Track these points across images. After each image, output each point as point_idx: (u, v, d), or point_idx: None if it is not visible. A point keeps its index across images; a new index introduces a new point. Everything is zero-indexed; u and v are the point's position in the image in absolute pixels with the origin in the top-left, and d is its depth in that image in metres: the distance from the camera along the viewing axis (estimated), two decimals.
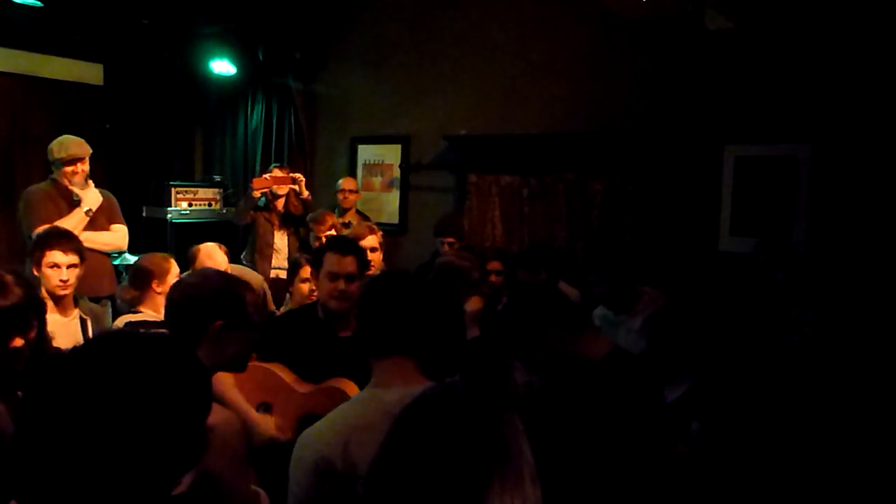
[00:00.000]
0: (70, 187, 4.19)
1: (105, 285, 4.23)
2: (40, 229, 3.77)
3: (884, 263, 3.90)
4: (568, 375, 1.93)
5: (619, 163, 4.86)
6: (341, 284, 2.78)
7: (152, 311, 3.29)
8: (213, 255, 3.81)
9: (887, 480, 2.41)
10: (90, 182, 4.28)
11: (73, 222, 4.03)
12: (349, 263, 2.83)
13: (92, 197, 4.23)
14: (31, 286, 2.06)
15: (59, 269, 3.19)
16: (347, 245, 2.97)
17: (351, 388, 2.33)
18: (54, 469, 0.99)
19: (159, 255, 3.54)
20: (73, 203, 4.18)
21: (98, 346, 1.13)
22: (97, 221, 4.25)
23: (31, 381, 1.07)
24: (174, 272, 3.39)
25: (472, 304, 3.02)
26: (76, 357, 1.08)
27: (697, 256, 4.51)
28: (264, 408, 2.48)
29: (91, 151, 4.32)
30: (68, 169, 4.19)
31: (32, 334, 1.98)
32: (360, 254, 2.94)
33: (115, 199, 4.46)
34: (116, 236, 4.37)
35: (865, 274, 3.88)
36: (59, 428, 0.99)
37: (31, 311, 1.98)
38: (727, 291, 3.42)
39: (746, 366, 2.72)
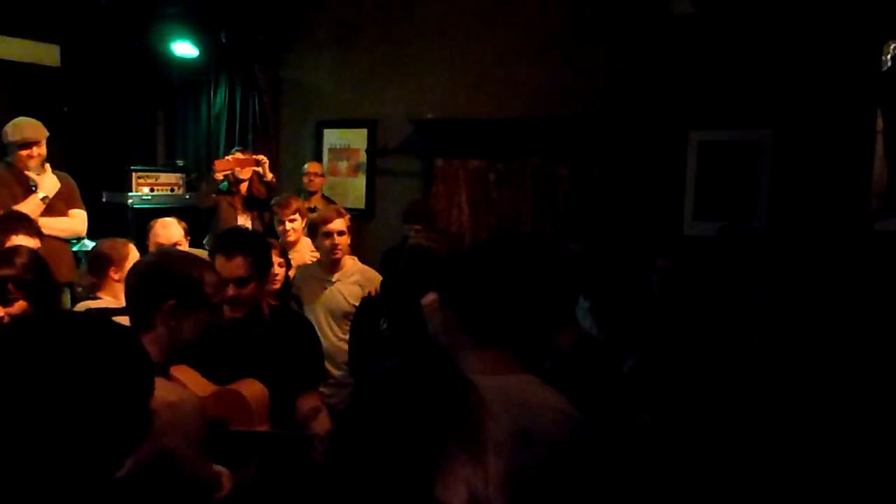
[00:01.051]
0: (26, 172, 4.07)
1: (63, 272, 4.12)
2: None
3: (843, 246, 3.99)
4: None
5: (585, 147, 4.88)
6: (230, 290, 2.37)
7: (111, 297, 3.21)
8: (167, 226, 3.71)
9: (842, 458, 2.46)
10: (47, 167, 4.17)
11: (28, 208, 3.91)
12: (237, 266, 2.42)
13: (49, 183, 4.11)
14: (40, 266, 2.23)
15: None
16: (235, 245, 2.48)
17: (253, 389, 2.18)
18: None
19: (118, 240, 3.44)
20: (29, 188, 4.06)
21: (30, 325, 1.12)
22: (55, 207, 4.14)
23: None
24: (132, 258, 3.29)
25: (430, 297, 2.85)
26: (9, 335, 1.06)
27: (662, 240, 4.56)
28: None
29: (48, 134, 4.21)
30: (23, 153, 4.07)
31: (14, 308, 2.11)
32: (256, 254, 2.48)
33: (74, 184, 4.35)
34: (75, 222, 4.27)
35: (825, 257, 3.96)
36: None
37: (15, 286, 2.11)
38: (692, 274, 3.47)
39: (701, 343, 2.75)
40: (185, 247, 3.76)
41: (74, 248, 4.62)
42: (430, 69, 5.59)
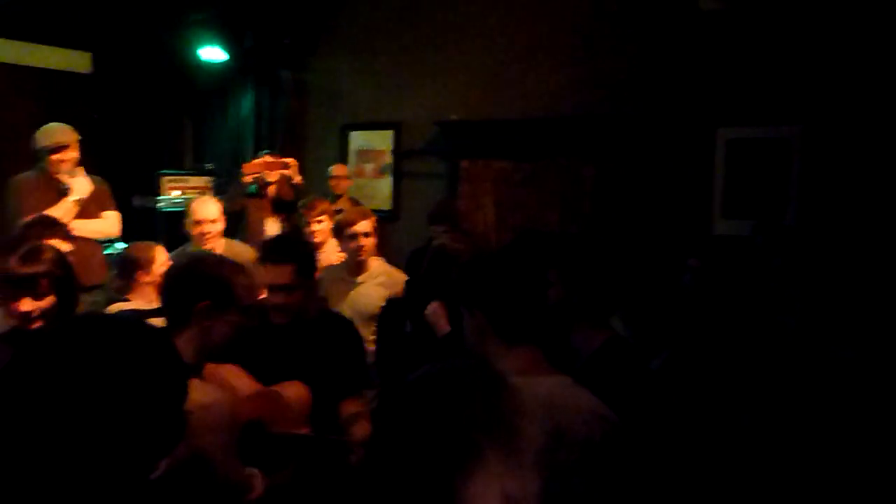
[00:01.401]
0: (58, 176, 4.13)
1: (96, 273, 4.18)
2: (28, 219, 3.73)
3: (876, 245, 3.91)
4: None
5: (612, 147, 4.84)
6: (279, 297, 2.44)
7: (141, 299, 3.26)
8: (205, 202, 4.02)
9: (870, 461, 2.41)
10: (80, 169, 4.23)
11: (62, 211, 3.98)
12: (285, 274, 2.44)
13: (81, 185, 4.17)
14: (64, 263, 2.33)
15: None
16: (283, 253, 2.52)
17: (296, 391, 2.22)
18: (24, 449, 0.98)
19: (144, 243, 3.49)
20: (62, 192, 4.13)
21: (69, 328, 1.13)
22: (88, 209, 4.19)
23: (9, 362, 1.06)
24: (160, 261, 3.34)
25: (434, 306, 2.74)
26: (46, 339, 1.07)
27: (691, 239, 4.51)
28: None
29: (78, 138, 4.25)
30: (54, 157, 4.12)
31: (45, 302, 2.20)
32: (303, 262, 2.50)
33: (106, 186, 4.40)
34: (107, 223, 4.32)
35: (857, 255, 3.89)
36: (25, 406, 0.99)
37: (48, 282, 2.21)
38: (723, 273, 3.42)
39: (733, 343, 2.71)
40: (221, 225, 3.98)
41: (107, 251, 4.69)
42: (454, 70, 5.59)
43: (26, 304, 2.20)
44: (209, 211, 3.92)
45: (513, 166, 5.26)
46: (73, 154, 4.19)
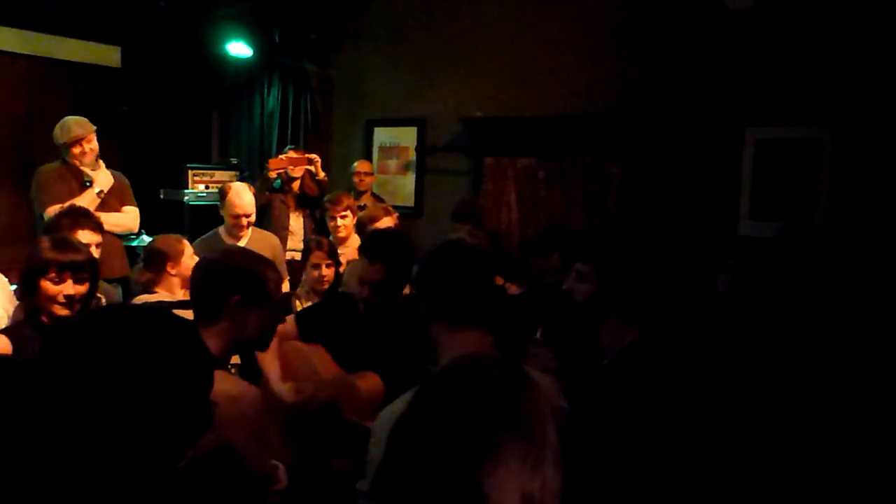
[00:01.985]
0: (81, 168, 4.19)
1: (116, 267, 4.21)
2: (52, 209, 3.78)
3: None
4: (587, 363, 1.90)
5: (638, 145, 4.81)
6: (365, 292, 2.54)
7: (167, 291, 3.29)
8: (241, 193, 4.06)
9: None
10: (101, 163, 4.28)
11: (85, 203, 4.02)
12: (376, 272, 2.50)
13: (103, 178, 4.23)
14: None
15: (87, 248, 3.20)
16: (379, 251, 2.57)
17: (370, 383, 2.29)
18: (52, 436, 1.00)
19: (173, 236, 3.52)
20: (85, 184, 4.18)
21: (96, 318, 1.15)
22: (108, 203, 4.24)
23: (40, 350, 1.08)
24: (188, 253, 3.37)
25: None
26: (76, 328, 1.09)
27: (717, 240, 4.46)
28: None
29: (94, 128, 4.30)
30: (75, 150, 4.19)
31: (84, 288, 2.35)
32: (397, 264, 2.55)
33: (126, 181, 4.46)
34: (128, 217, 4.36)
35: (888, 258, 3.82)
36: (55, 394, 1.01)
37: (89, 267, 2.38)
38: (754, 274, 3.38)
39: (766, 349, 2.67)
40: (254, 214, 4.11)
41: (133, 244, 4.74)
42: (479, 67, 5.58)
43: (69, 289, 2.31)
44: (247, 201, 4.02)
45: (537, 164, 5.24)
46: (92, 145, 4.24)
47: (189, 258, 3.31)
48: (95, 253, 3.25)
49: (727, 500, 2.04)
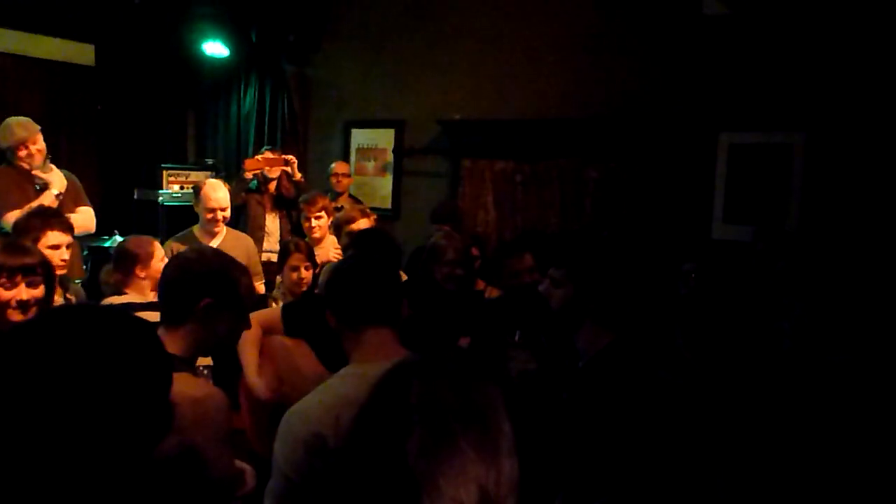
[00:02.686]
0: (33, 172, 4.03)
1: (75, 269, 4.06)
2: (11, 215, 3.66)
3: (878, 252, 3.90)
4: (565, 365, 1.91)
5: (614, 149, 4.84)
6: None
7: (136, 293, 3.23)
8: (217, 189, 4.05)
9: (866, 468, 2.40)
10: (51, 164, 4.13)
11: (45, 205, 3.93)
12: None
13: (58, 179, 4.09)
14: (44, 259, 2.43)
15: (58, 249, 3.13)
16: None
17: None
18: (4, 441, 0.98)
19: (144, 238, 3.46)
20: (41, 186, 4.03)
21: (50, 318, 1.13)
22: (64, 204, 4.07)
23: None
24: (158, 256, 3.30)
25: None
26: (28, 329, 1.07)
27: (690, 243, 4.50)
28: None
29: (39, 129, 4.13)
30: (20, 153, 4.03)
31: (39, 292, 2.30)
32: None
33: (78, 181, 4.32)
34: (85, 218, 4.22)
35: (859, 262, 3.88)
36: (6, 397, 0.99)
37: (42, 271, 2.32)
38: (721, 278, 3.42)
39: (728, 347, 2.70)
40: (228, 213, 4.08)
41: (106, 244, 4.67)
42: (458, 70, 5.58)
43: (23, 293, 2.25)
44: (221, 196, 4.00)
45: (515, 166, 5.26)
46: (38, 146, 4.09)
47: (159, 261, 3.25)
48: (66, 254, 3.21)
49: (701, 493, 2.06)
